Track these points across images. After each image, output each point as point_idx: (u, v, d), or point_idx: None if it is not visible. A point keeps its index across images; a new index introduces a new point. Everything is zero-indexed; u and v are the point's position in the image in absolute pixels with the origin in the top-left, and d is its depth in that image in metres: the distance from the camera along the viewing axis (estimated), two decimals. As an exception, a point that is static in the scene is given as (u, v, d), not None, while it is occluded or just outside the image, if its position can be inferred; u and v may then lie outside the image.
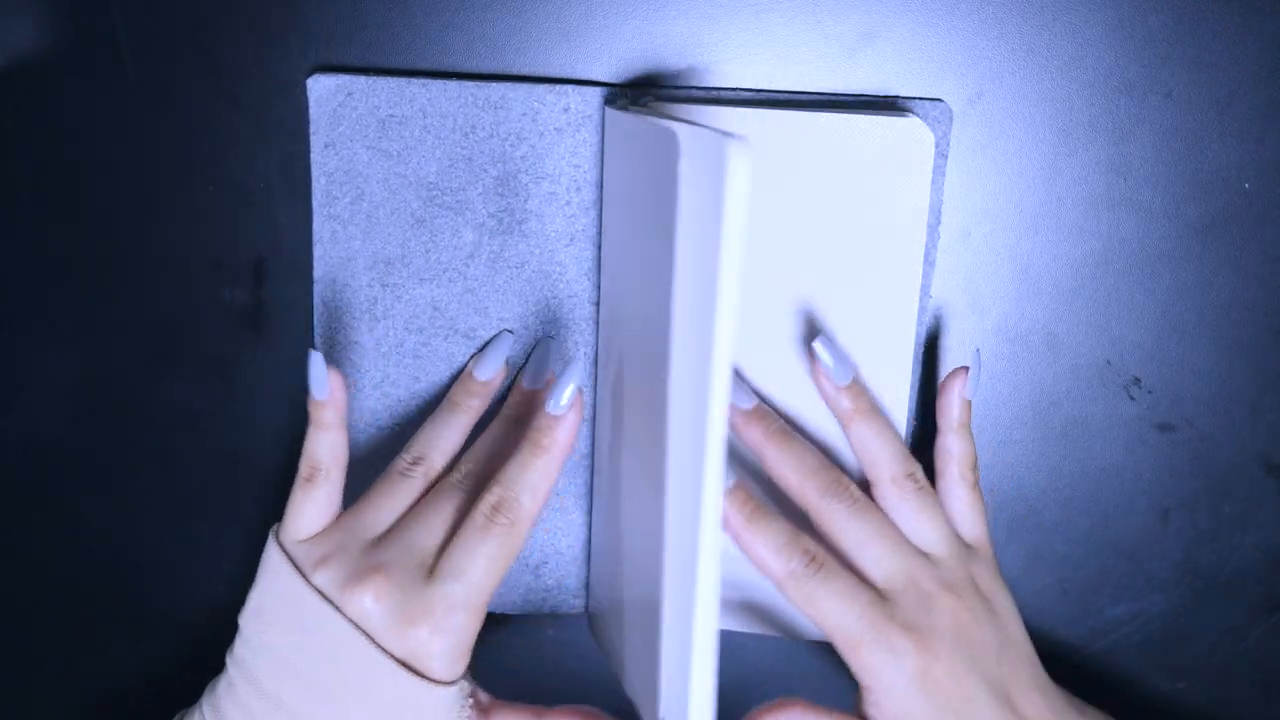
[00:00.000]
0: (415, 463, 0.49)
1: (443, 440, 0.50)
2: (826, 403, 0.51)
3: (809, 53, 0.50)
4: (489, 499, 0.46)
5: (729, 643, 0.56)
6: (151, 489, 0.55)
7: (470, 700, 0.47)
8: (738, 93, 0.50)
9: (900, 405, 0.52)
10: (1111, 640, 0.55)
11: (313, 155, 0.51)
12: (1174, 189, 0.51)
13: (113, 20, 0.51)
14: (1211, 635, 0.55)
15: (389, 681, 0.45)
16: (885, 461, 0.49)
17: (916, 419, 0.53)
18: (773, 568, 0.47)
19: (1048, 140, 0.51)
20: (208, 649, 0.57)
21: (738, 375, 0.51)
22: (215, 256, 0.53)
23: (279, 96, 0.51)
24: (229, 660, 0.47)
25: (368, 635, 0.45)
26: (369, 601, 0.45)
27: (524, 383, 0.52)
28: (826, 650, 0.56)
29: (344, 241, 0.52)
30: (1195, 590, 0.55)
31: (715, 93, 0.50)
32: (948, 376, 0.50)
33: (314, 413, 0.48)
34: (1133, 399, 0.53)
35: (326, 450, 0.48)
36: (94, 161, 0.52)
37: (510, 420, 0.52)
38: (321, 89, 0.50)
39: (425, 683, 0.45)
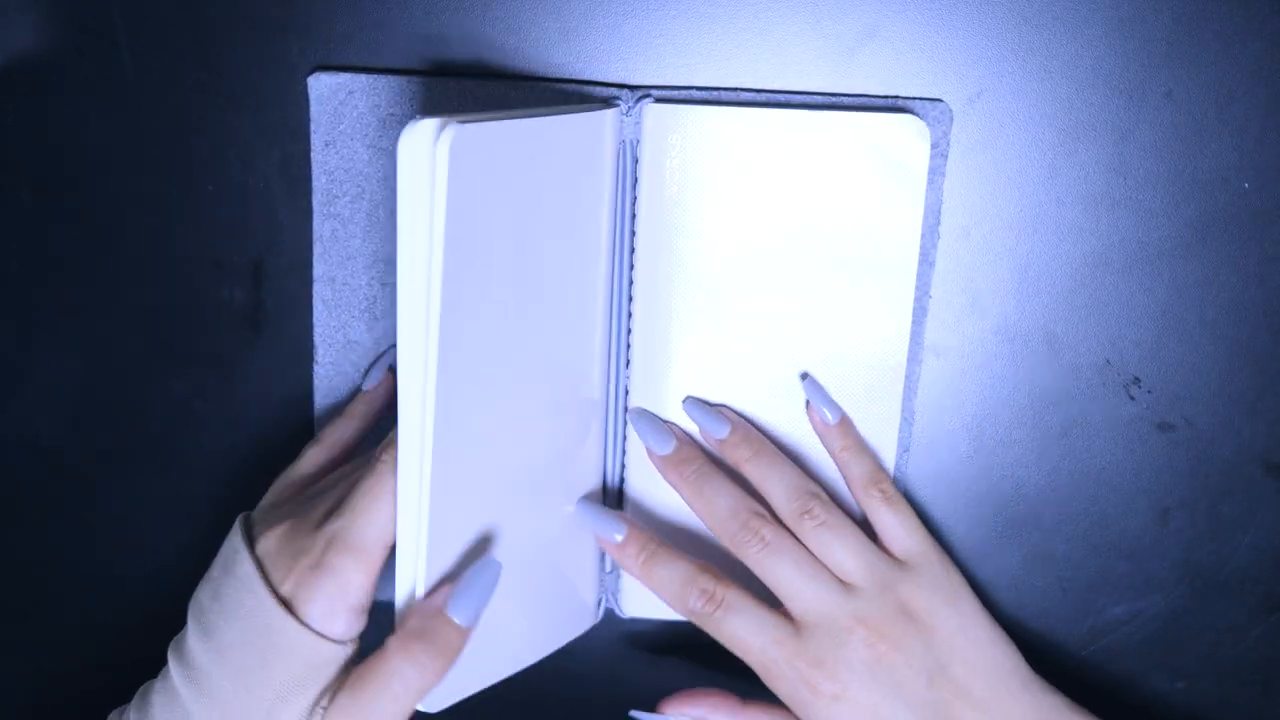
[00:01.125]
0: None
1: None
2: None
3: (809, 52, 0.50)
4: (382, 443, 0.46)
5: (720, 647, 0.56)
6: (151, 489, 0.55)
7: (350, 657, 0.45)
8: (737, 93, 0.50)
9: (893, 405, 0.52)
10: (1111, 640, 0.55)
11: (313, 153, 0.51)
12: (1174, 189, 0.51)
13: (113, 20, 0.51)
14: (1211, 635, 0.55)
15: (270, 618, 0.43)
16: (781, 499, 0.49)
17: (912, 422, 0.53)
18: (678, 609, 0.48)
19: (1047, 140, 0.51)
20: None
21: (655, 417, 0.52)
22: (215, 256, 0.53)
23: (279, 96, 0.51)
24: (169, 648, 0.47)
25: (262, 571, 0.44)
26: (265, 544, 0.45)
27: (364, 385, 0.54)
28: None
29: (344, 240, 0.52)
30: (1195, 590, 0.55)
31: (715, 93, 0.50)
32: (807, 408, 0.51)
33: (352, 402, 0.52)
34: (1132, 399, 0.53)
35: (334, 431, 0.51)
36: (94, 161, 0.52)
37: None
38: (322, 87, 0.50)
39: (297, 623, 0.43)
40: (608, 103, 0.49)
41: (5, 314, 0.54)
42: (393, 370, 0.51)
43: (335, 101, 0.51)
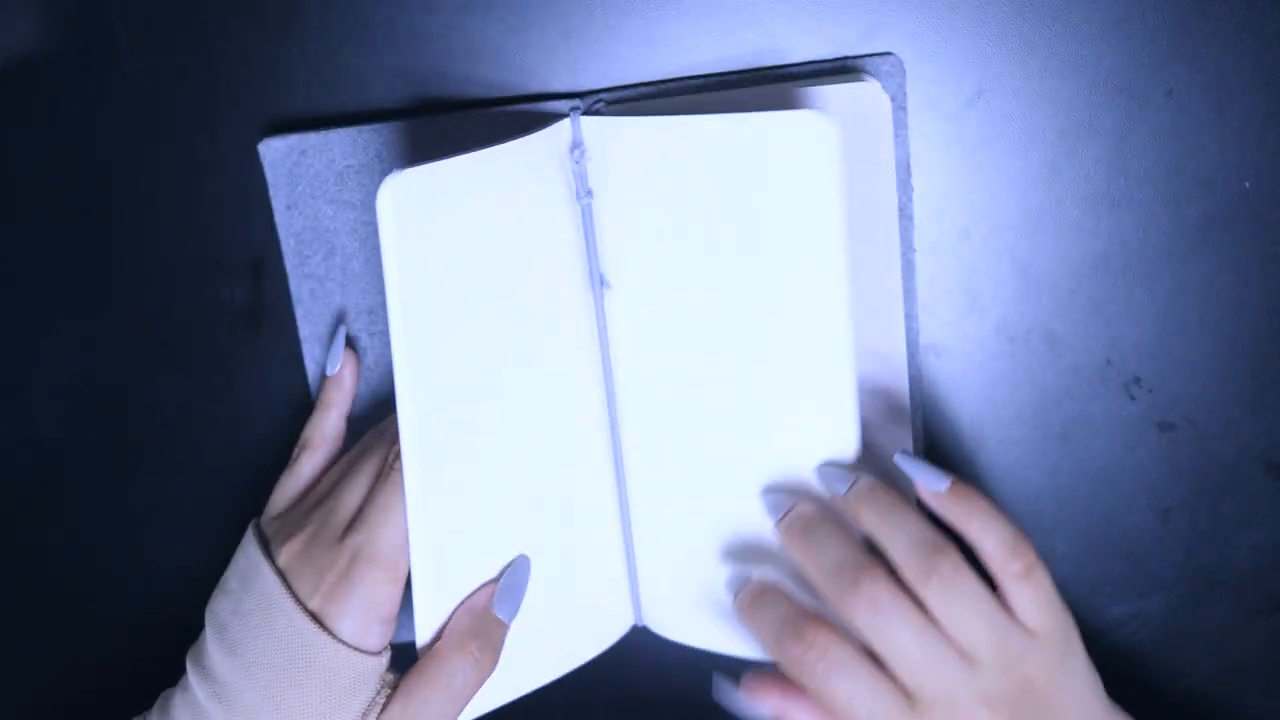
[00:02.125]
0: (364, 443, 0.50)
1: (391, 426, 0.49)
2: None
3: (809, 52, 0.50)
4: (394, 449, 0.46)
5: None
6: (151, 489, 0.55)
7: (388, 689, 0.45)
8: (688, 82, 0.50)
9: (899, 396, 0.52)
10: (1111, 640, 0.55)
11: (276, 218, 0.51)
12: (1174, 188, 0.51)
13: (113, 20, 0.51)
14: (1211, 635, 0.55)
15: (303, 635, 0.43)
16: (905, 555, 0.43)
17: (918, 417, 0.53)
18: (778, 655, 0.44)
19: (1048, 140, 0.51)
20: (208, 649, 0.57)
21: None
22: (215, 256, 0.53)
23: (279, 96, 0.51)
24: (188, 657, 0.47)
25: (288, 586, 0.44)
26: (285, 557, 0.45)
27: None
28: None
29: (323, 297, 0.52)
30: (1195, 590, 0.55)
31: (666, 85, 0.50)
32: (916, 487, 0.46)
33: (322, 391, 0.51)
34: (1133, 398, 0.53)
35: (317, 430, 0.51)
36: (94, 161, 0.52)
37: None
38: (274, 152, 0.51)
39: (333, 640, 0.43)
40: (555, 117, 0.49)
41: (6, 314, 0.54)
42: (351, 346, 0.53)
43: (289, 164, 0.51)
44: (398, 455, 0.45)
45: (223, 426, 0.55)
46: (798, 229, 0.47)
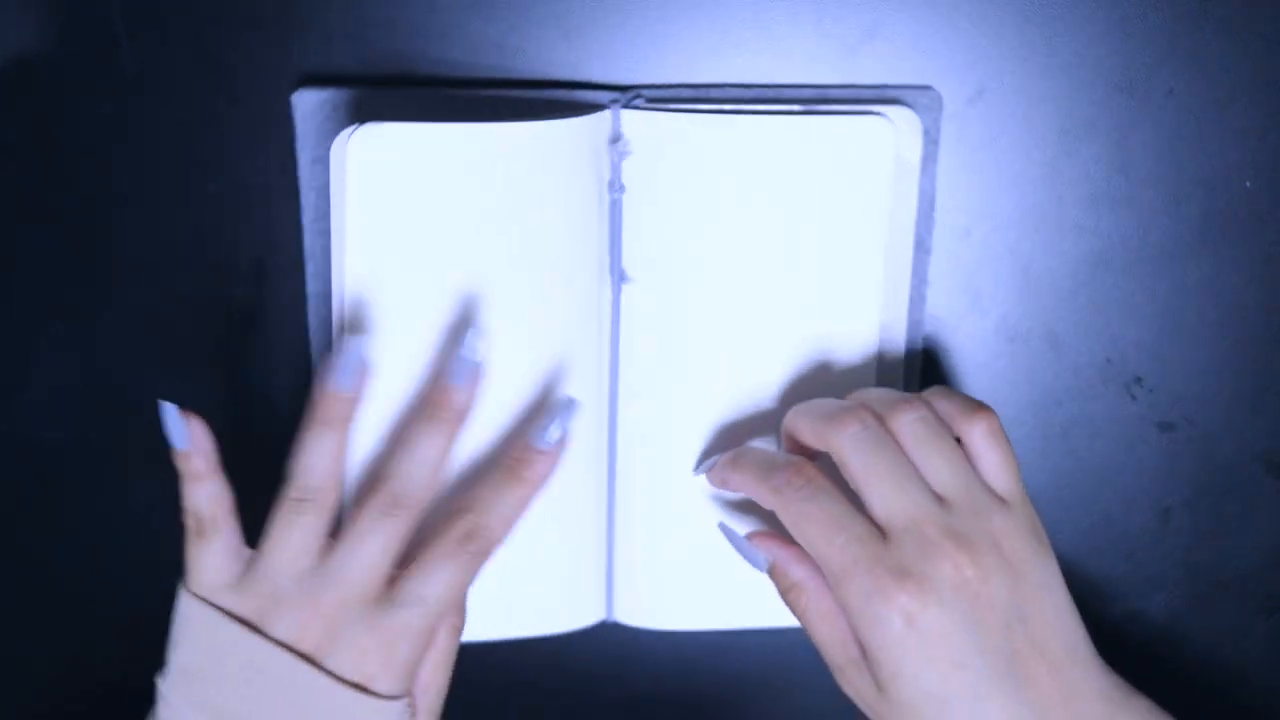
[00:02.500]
0: (302, 499, 0.46)
1: (323, 465, 0.46)
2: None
3: (809, 52, 0.50)
4: (462, 525, 0.45)
5: (729, 642, 0.56)
6: (151, 489, 0.55)
7: (411, 714, 0.46)
8: (727, 90, 0.50)
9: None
10: (1112, 640, 0.55)
11: (300, 171, 0.51)
12: (1175, 188, 0.51)
13: (113, 20, 0.51)
14: (1212, 635, 0.55)
15: (344, 709, 0.44)
16: (883, 395, 0.46)
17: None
18: (760, 489, 0.45)
19: (1048, 139, 0.51)
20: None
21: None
22: (215, 256, 0.53)
23: (279, 96, 0.51)
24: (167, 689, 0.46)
25: (326, 671, 0.44)
26: (317, 638, 0.44)
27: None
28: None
29: (335, 255, 0.52)
30: (1195, 590, 0.54)
31: (709, 91, 0.50)
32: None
33: (181, 465, 0.47)
34: (1134, 398, 0.53)
35: (205, 500, 0.47)
36: (94, 161, 0.52)
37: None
38: (307, 104, 0.50)
39: (376, 700, 0.44)
40: (591, 107, 0.49)
41: (5, 314, 0.54)
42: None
43: (320, 117, 0.50)
44: (468, 536, 0.45)
45: (223, 426, 0.55)
46: (839, 232, 0.49)
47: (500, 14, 0.50)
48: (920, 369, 0.53)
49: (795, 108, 0.49)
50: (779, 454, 0.46)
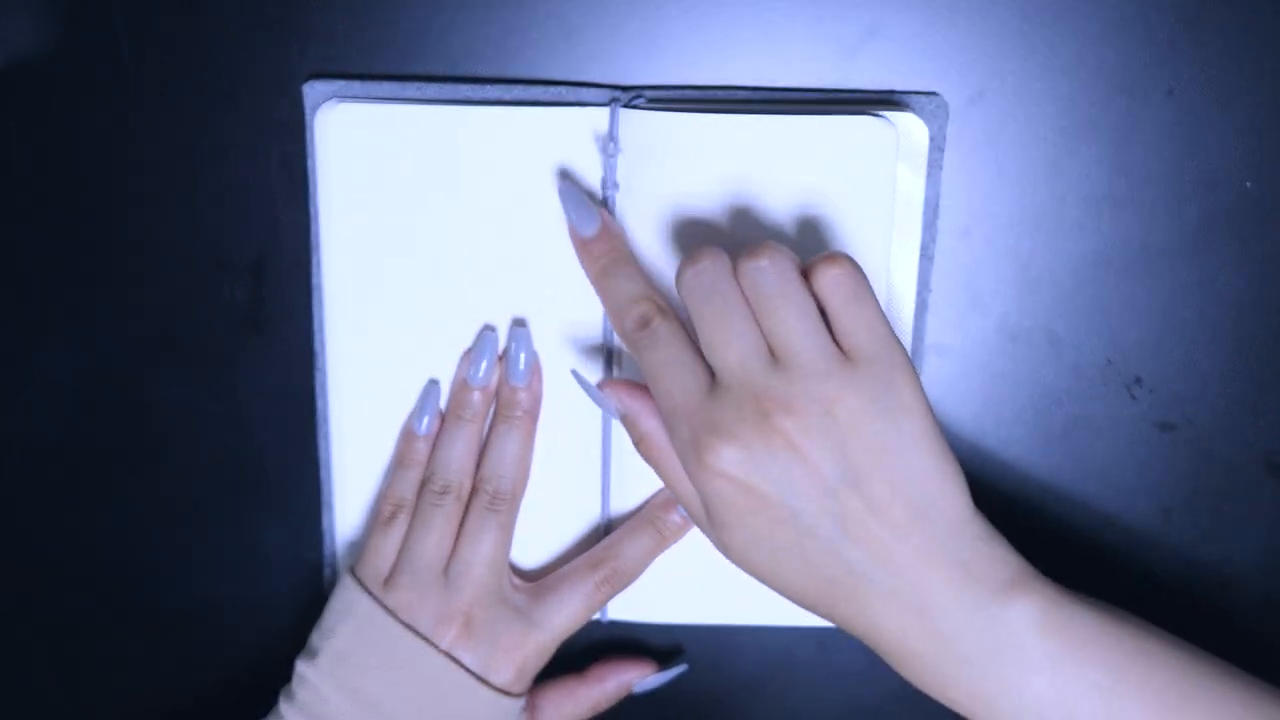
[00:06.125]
0: (444, 491, 0.50)
1: (459, 457, 0.51)
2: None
3: (810, 51, 0.50)
4: (603, 570, 0.51)
5: (728, 641, 0.56)
6: (151, 489, 0.55)
7: (525, 704, 0.51)
8: (733, 91, 0.50)
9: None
10: (1112, 640, 0.55)
11: (309, 162, 0.51)
12: (1176, 188, 0.51)
13: (113, 20, 0.51)
14: (1211, 635, 0.55)
15: (482, 707, 0.48)
16: (742, 252, 0.43)
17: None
18: (615, 327, 0.46)
19: (1049, 139, 0.51)
20: (207, 649, 0.57)
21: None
22: (215, 256, 0.53)
23: (279, 96, 0.51)
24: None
25: (467, 671, 0.48)
26: (455, 641, 0.49)
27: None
28: (827, 645, 0.56)
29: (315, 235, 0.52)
30: (1195, 590, 0.54)
31: (710, 92, 0.50)
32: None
33: (405, 448, 0.51)
34: (1134, 398, 0.53)
35: (409, 487, 0.51)
36: (94, 161, 0.52)
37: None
38: (317, 96, 0.50)
39: (505, 698, 0.49)
40: (587, 105, 0.49)
41: (5, 314, 0.54)
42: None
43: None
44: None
45: (223, 426, 0.55)
46: (840, 234, 0.48)
47: (500, 14, 0.50)
48: (922, 371, 0.53)
49: (795, 109, 0.49)
50: (640, 288, 0.46)
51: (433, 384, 0.52)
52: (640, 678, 0.53)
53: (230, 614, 0.48)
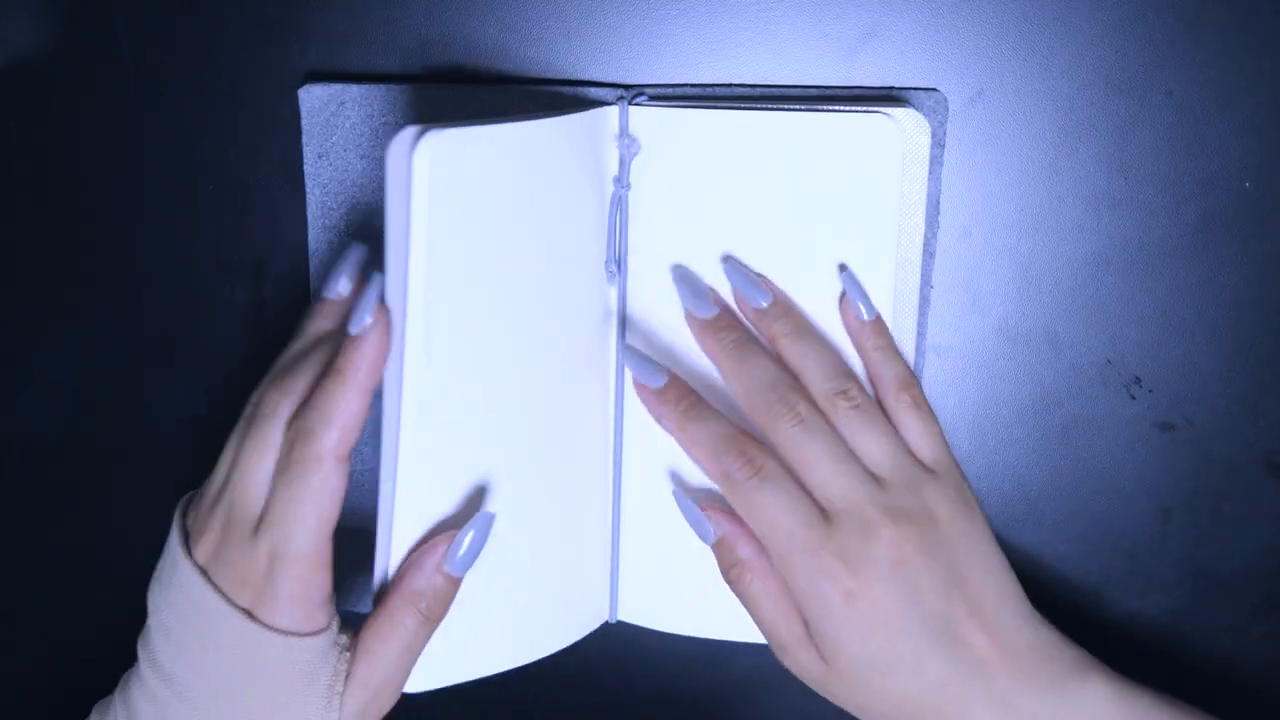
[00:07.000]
0: (256, 404, 0.45)
1: (287, 378, 0.45)
2: (751, 326, 0.49)
3: (810, 51, 0.50)
4: (289, 435, 0.43)
5: (730, 641, 0.56)
6: (151, 489, 0.55)
7: (346, 652, 0.44)
8: (734, 89, 0.50)
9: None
10: (1112, 640, 0.55)
11: (306, 167, 0.51)
12: (1175, 188, 0.51)
13: (113, 20, 0.51)
14: (1211, 635, 0.55)
15: (244, 635, 0.42)
16: (817, 378, 0.47)
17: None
18: (709, 469, 0.47)
19: (1048, 139, 0.51)
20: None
21: (696, 280, 0.49)
22: (215, 256, 0.53)
23: (279, 96, 0.51)
24: (138, 644, 0.46)
25: (215, 588, 0.43)
26: (204, 555, 0.44)
27: (324, 291, 0.46)
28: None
29: (340, 252, 0.52)
30: (1195, 590, 0.54)
31: (712, 90, 0.50)
32: (841, 304, 0.49)
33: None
34: (1133, 398, 0.53)
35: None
36: (94, 161, 0.52)
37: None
38: (313, 99, 0.50)
39: (276, 634, 0.42)
40: (598, 103, 0.49)
41: (6, 314, 0.54)
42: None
43: (327, 113, 0.50)
44: (292, 442, 0.43)
45: (223, 426, 0.55)
46: (846, 232, 0.48)
47: (500, 14, 0.50)
48: (922, 371, 0.53)
49: (801, 106, 0.49)
50: (728, 429, 0.47)
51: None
52: (444, 550, 0.45)
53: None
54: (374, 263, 0.52)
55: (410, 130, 0.40)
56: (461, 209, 0.43)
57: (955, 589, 0.45)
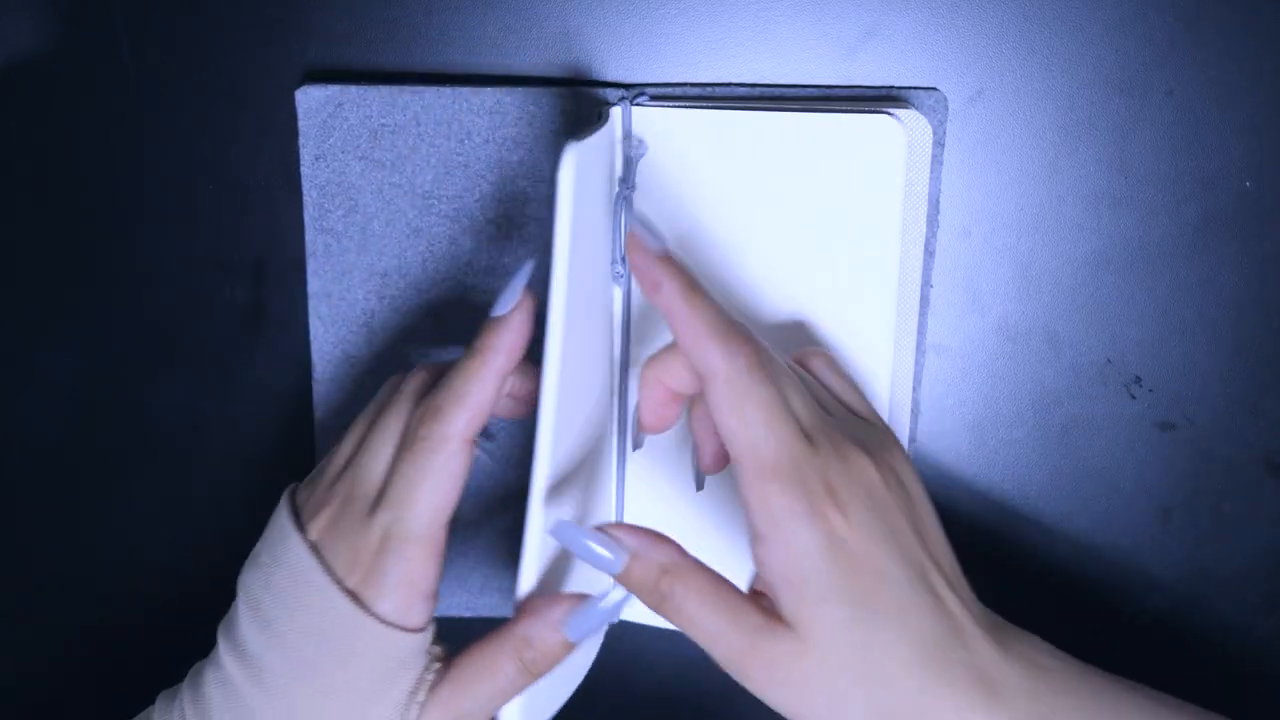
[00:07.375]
0: (394, 385, 0.45)
1: (435, 368, 0.45)
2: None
3: (810, 51, 0.50)
4: (417, 412, 0.42)
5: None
6: (151, 489, 0.55)
7: (437, 664, 0.43)
8: (733, 89, 0.50)
9: (904, 400, 0.52)
10: (1112, 640, 0.55)
11: (303, 168, 0.51)
12: (1175, 187, 0.51)
13: (113, 20, 0.51)
14: (1212, 635, 0.55)
15: (342, 617, 0.41)
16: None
17: (918, 413, 0.53)
18: (705, 350, 0.40)
19: (1048, 138, 0.51)
20: (207, 649, 0.57)
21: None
22: (215, 256, 0.53)
23: (279, 96, 0.51)
24: (219, 630, 0.45)
25: (323, 564, 0.41)
26: (316, 532, 0.42)
27: (492, 311, 0.44)
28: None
29: (338, 255, 0.52)
30: (1196, 590, 0.54)
31: (711, 89, 0.50)
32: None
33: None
34: (1133, 398, 0.53)
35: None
36: (94, 161, 0.52)
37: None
38: (311, 101, 0.50)
39: (375, 620, 0.41)
40: (594, 103, 0.49)
41: (6, 314, 0.54)
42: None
43: (324, 115, 0.50)
44: (423, 419, 0.42)
45: (223, 426, 0.55)
46: (849, 230, 0.48)
47: (500, 14, 0.50)
48: (922, 370, 0.53)
49: (803, 106, 0.49)
50: (728, 316, 0.41)
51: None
52: (566, 614, 0.43)
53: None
54: (375, 264, 0.52)
55: (568, 144, 0.40)
56: (583, 215, 0.43)
57: (919, 537, 0.40)
